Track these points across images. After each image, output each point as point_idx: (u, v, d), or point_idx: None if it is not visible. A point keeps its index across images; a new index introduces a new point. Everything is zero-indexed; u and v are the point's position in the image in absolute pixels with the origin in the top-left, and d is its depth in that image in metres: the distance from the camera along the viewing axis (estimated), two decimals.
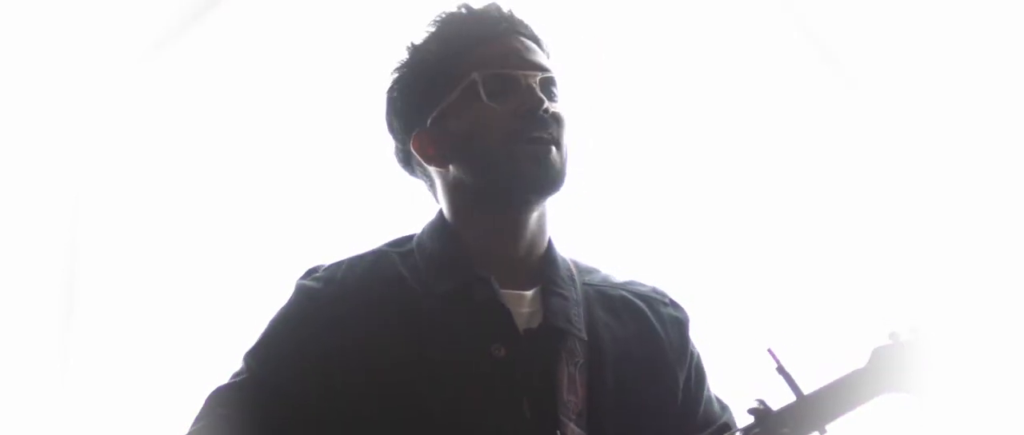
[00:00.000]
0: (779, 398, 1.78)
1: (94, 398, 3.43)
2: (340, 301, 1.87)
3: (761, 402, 1.77)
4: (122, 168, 3.55)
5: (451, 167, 1.92)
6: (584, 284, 1.95)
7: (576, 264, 1.99)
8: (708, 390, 1.99)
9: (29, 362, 3.31)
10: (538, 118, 1.85)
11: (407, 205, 3.22)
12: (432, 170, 1.95)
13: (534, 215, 1.91)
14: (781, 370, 1.76)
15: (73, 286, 3.49)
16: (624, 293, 1.98)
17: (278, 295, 1.95)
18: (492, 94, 1.87)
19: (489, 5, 1.96)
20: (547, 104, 1.85)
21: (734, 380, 2.07)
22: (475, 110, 1.87)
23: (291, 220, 3.51)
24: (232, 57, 3.56)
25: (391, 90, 1.98)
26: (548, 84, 1.90)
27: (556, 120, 1.87)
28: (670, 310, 1.99)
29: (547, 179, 1.86)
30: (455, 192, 1.93)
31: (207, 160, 3.56)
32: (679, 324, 1.98)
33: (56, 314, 3.43)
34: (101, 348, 3.48)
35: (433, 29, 1.97)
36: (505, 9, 1.96)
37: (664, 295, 2.02)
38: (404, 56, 1.97)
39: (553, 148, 1.85)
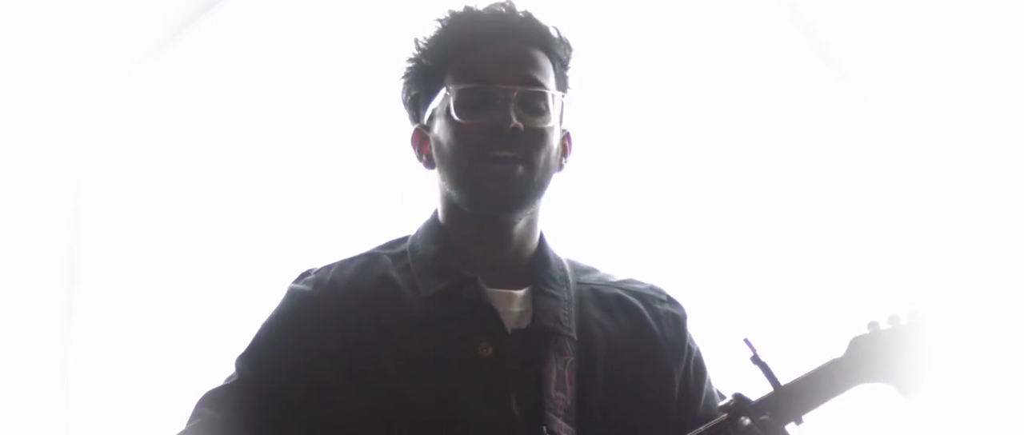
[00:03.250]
0: (757, 389, 1.78)
1: (94, 398, 3.44)
2: (330, 303, 1.89)
3: (737, 394, 1.78)
4: (121, 170, 3.56)
5: (437, 171, 1.94)
6: (579, 283, 1.96)
7: (572, 264, 2.00)
8: (709, 385, 1.98)
9: (29, 362, 3.32)
10: (504, 136, 1.83)
11: (402, 208, 3.26)
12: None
13: (520, 223, 1.91)
14: (757, 360, 1.76)
15: (73, 286, 3.49)
16: (619, 291, 1.98)
17: (275, 295, 1.96)
18: (464, 110, 1.87)
19: (494, 5, 1.95)
20: (515, 122, 1.83)
21: (718, 373, 2.07)
22: (449, 123, 1.88)
23: (287, 221, 3.52)
24: (225, 62, 3.57)
25: (402, 78, 2.00)
26: (529, 98, 1.88)
27: (530, 136, 1.85)
28: (667, 307, 1.99)
29: (510, 198, 1.86)
30: (444, 196, 1.95)
31: (203, 162, 3.57)
32: (676, 320, 1.98)
33: (56, 314, 3.44)
34: (101, 348, 3.48)
35: (435, 27, 1.97)
36: (508, 11, 1.94)
37: (661, 292, 2.02)
38: (412, 47, 1.98)
39: (520, 167, 1.84)
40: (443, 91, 1.89)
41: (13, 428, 3.24)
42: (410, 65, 1.98)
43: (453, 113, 1.86)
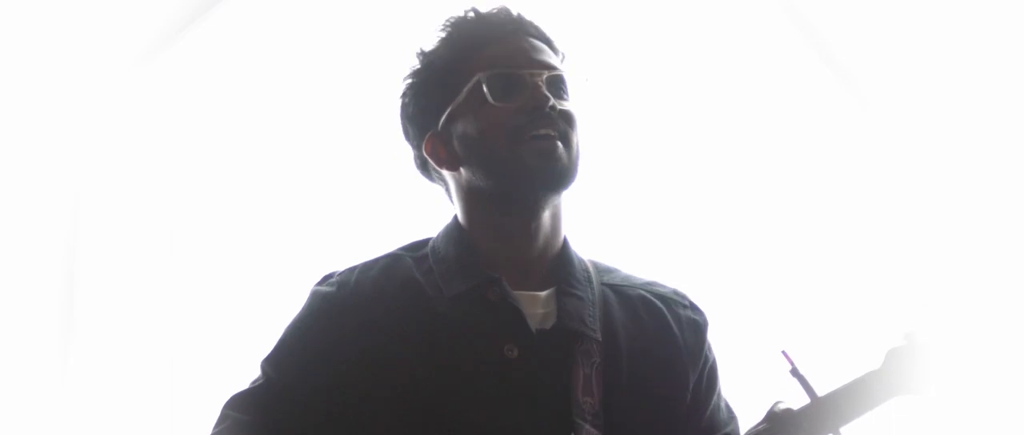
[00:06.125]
0: (794, 400, 1.79)
1: (94, 398, 3.43)
2: (354, 305, 1.87)
3: (776, 403, 1.78)
4: (121, 170, 3.55)
5: (462, 169, 1.92)
6: (602, 284, 1.95)
7: (595, 264, 1.98)
8: (718, 397, 1.98)
9: (29, 362, 3.30)
10: (544, 115, 1.83)
11: (400, 209, 3.26)
12: (445, 173, 1.95)
13: (546, 214, 1.90)
14: (795, 372, 1.76)
15: (73, 286, 3.48)
16: (643, 292, 1.97)
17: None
18: (498, 94, 1.86)
19: (497, 8, 1.96)
20: (553, 101, 1.84)
21: (750, 381, 2.07)
22: (482, 110, 1.87)
23: (287, 221, 3.52)
24: (225, 62, 3.57)
25: (403, 96, 1.98)
26: (556, 82, 1.89)
27: (564, 117, 1.86)
28: (689, 312, 1.98)
29: (554, 174, 1.84)
30: (468, 194, 1.93)
31: (204, 162, 3.57)
32: (696, 326, 1.97)
33: (56, 314, 3.43)
34: (101, 348, 3.47)
35: (442, 33, 1.97)
36: (513, 11, 1.95)
37: (684, 297, 2.01)
38: (414, 62, 1.97)
39: (560, 144, 1.84)
40: (471, 83, 1.89)
41: (13, 428, 3.23)
42: (417, 75, 1.98)
43: (489, 98, 1.86)
